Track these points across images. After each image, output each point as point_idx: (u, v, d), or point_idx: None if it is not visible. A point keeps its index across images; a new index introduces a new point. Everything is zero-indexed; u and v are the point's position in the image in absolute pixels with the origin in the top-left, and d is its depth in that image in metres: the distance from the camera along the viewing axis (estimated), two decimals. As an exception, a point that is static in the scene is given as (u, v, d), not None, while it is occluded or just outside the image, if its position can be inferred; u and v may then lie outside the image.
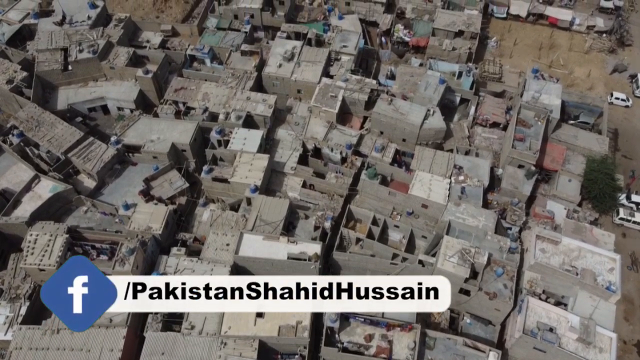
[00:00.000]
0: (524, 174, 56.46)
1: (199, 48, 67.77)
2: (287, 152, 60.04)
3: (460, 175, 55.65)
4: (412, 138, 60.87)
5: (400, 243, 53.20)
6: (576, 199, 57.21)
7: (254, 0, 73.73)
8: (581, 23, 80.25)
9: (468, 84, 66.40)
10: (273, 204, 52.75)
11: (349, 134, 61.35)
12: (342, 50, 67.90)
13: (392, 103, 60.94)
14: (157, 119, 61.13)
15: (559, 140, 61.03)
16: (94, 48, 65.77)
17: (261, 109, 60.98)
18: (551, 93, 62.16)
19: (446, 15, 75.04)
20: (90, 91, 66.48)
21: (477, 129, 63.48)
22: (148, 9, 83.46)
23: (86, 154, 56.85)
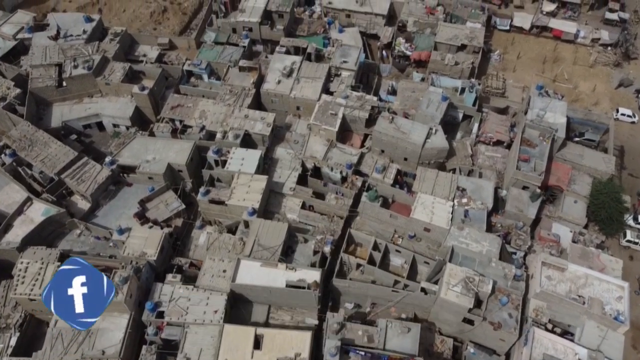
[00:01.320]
0: (529, 196, 55.04)
1: (196, 63, 66.39)
2: (286, 171, 58.64)
3: (464, 197, 54.23)
4: (414, 157, 59.48)
5: (402, 268, 51.79)
6: (582, 222, 55.82)
7: (253, 13, 72.31)
8: (586, 36, 78.83)
9: (471, 101, 65.01)
10: (271, 228, 51.36)
11: (349, 153, 59.97)
12: (342, 65, 66.49)
13: (393, 121, 59.53)
14: (152, 138, 59.73)
15: (564, 160, 59.65)
16: (89, 64, 64.36)
17: (259, 128, 59.59)
18: (556, 111, 60.74)
19: (448, 28, 73.64)
20: (85, 108, 65.09)
21: (480, 148, 62.09)
22: (145, 20, 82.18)
23: (80, 175, 55.47)
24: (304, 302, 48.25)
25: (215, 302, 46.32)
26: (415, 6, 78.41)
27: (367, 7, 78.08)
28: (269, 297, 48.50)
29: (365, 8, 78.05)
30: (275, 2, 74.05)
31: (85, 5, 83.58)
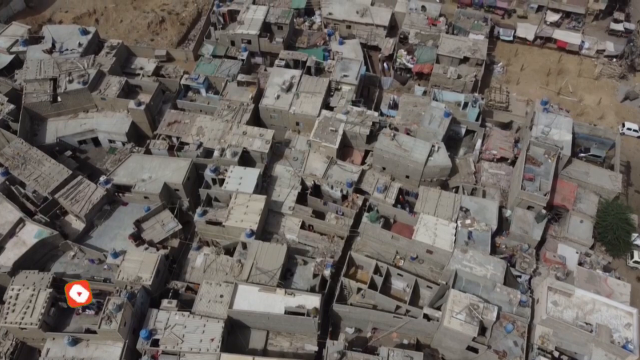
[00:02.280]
0: (534, 217, 53.68)
1: (193, 77, 65.09)
2: (285, 190, 57.32)
3: (467, 218, 52.87)
4: (416, 175, 58.15)
5: (404, 292, 50.42)
6: (589, 242, 54.43)
7: (252, 26, 70.97)
8: (590, 47, 77.46)
9: (474, 116, 63.70)
10: (270, 251, 49.98)
11: (349, 170, 58.65)
12: (342, 80, 65.12)
13: (395, 138, 58.21)
14: (148, 156, 58.40)
15: (569, 177, 58.27)
16: (84, 78, 63.09)
17: (258, 145, 58.28)
18: (561, 127, 59.44)
19: (451, 40, 72.26)
20: (80, 123, 63.79)
21: (483, 165, 60.78)
22: (142, 31, 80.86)
23: (74, 195, 54.15)
24: (304, 328, 46.95)
25: (211, 330, 44.98)
26: (417, 17, 77.08)
27: (368, 18, 76.79)
28: (267, 323, 47.18)
29: (366, 19, 76.77)
30: (275, 13, 72.76)
31: (81, 16, 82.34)
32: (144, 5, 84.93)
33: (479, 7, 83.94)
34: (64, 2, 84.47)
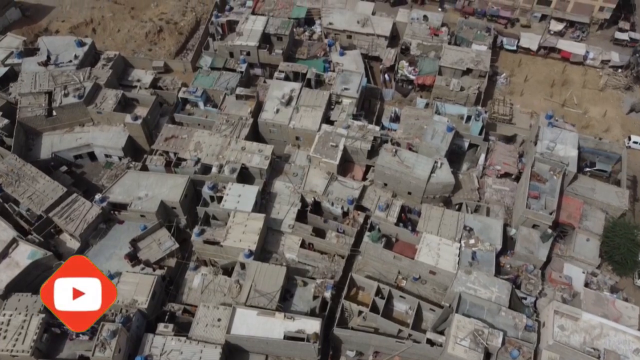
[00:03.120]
0: (540, 236, 52.44)
1: (191, 91, 63.89)
2: (285, 207, 56.10)
3: (471, 238, 51.63)
4: (418, 192, 56.91)
5: (406, 314, 49.19)
6: (595, 262, 53.17)
7: (251, 37, 69.74)
8: (595, 57, 76.16)
9: (477, 129, 62.40)
10: (269, 272, 48.75)
11: (350, 187, 57.40)
12: (343, 93, 63.86)
13: (396, 154, 56.97)
14: (145, 173, 57.19)
15: (575, 194, 57.00)
16: (80, 92, 61.89)
17: (257, 161, 57.07)
18: (567, 143, 58.21)
19: (453, 51, 70.95)
20: (76, 137, 62.62)
21: (487, 180, 59.58)
22: (140, 41, 79.63)
23: (68, 214, 52.97)
24: (304, 353, 45.76)
25: (209, 356, 43.77)
26: (418, 27, 75.80)
27: (369, 28, 75.52)
28: (266, 348, 46.03)
29: (367, 29, 75.50)
30: (274, 24, 71.51)
31: (78, 26, 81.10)
32: (142, 15, 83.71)
33: (481, 16, 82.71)
34: (60, 11, 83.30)
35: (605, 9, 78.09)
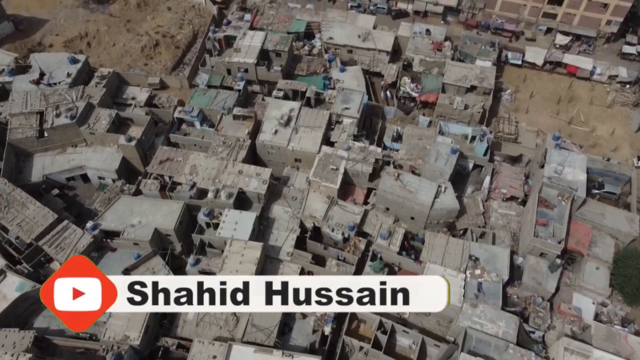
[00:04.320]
0: (548, 266, 50.51)
1: (187, 110, 62.00)
2: (283, 233, 54.21)
3: (477, 268, 49.70)
4: (421, 217, 54.99)
5: (409, 349, 47.31)
6: (606, 292, 51.19)
7: (249, 53, 67.82)
8: (602, 72, 74.22)
9: (482, 150, 60.56)
10: (266, 305, 46.77)
11: (351, 212, 55.51)
12: (343, 112, 61.94)
13: (399, 178, 55.04)
14: (138, 199, 55.30)
15: (584, 219, 55.04)
16: (72, 112, 60.02)
17: (254, 186, 55.16)
18: (575, 166, 56.21)
19: (457, 68, 69.04)
20: (68, 159, 60.75)
21: (492, 204, 57.64)
22: (136, 55, 77.78)
23: (59, 242, 51.08)
24: (302, 393, 43.86)
25: (203, 397, 41.90)
26: (421, 41, 73.92)
27: (370, 43, 73.64)
28: (263, 388, 44.09)
29: (368, 44, 73.62)
30: (273, 40, 69.60)
31: (73, 39, 79.25)
32: (138, 28, 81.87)
33: (485, 29, 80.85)
34: (54, 25, 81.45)
35: (613, 22, 76.15)
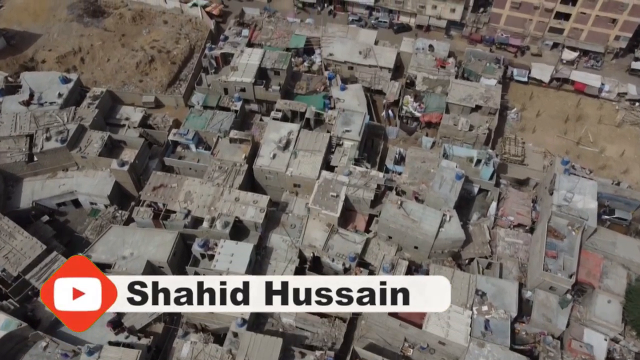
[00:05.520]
0: (558, 302, 48.32)
1: (182, 133, 59.86)
2: (282, 264, 52.06)
3: (484, 304, 47.52)
4: (425, 247, 52.86)
5: (413, 391, 45.20)
6: (618, 327, 48.93)
7: (246, 72, 65.58)
8: (611, 90, 71.95)
9: (488, 174, 58.40)
10: (263, 344, 44.68)
11: (352, 240, 53.43)
12: (344, 135, 59.76)
13: (402, 206, 52.86)
14: (130, 229, 53.19)
15: (594, 248, 52.87)
16: (63, 136, 57.93)
17: (251, 214, 52.99)
18: (585, 193, 54.00)
19: (461, 87, 66.83)
20: (59, 184, 58.65)
21: (499, 232, 55.47)
22: (131, 71, 75.50)
23: (48, 275, 48.93)
24: None
25: None
26: (424, 58, 71.65)
27: (372, 60, 71.45)
28: None
29: (369, 60, 71.42)
30: (271, 58, 67.39)
31: (66, 55, 76.93)
32: (133, 43, 79.63)
33: (490, 44, 78.64)
34: (47, 40, 79.23)
35: (622, 37, 73.90)
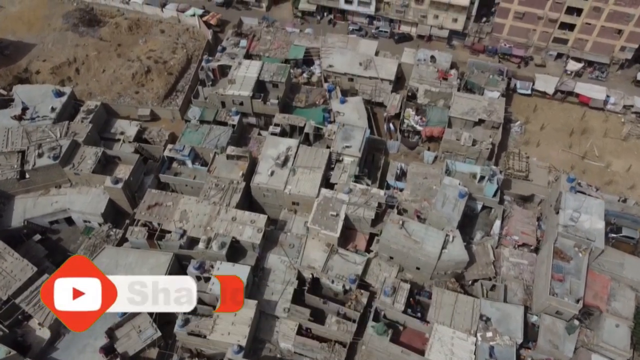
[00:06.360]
0: (565, 327, 46.82)
1: (178, 149, 58.32)
2: (280, 286, 50.64)
3: (488, 330, 46.03)
4: (427, 268, 51.38)
5: (416, 422, 43.68)
6: (627, 352, 47.40)
7: (244, 86, 64.10)
8: (617, 102, 70.40)
9: (491, 191, 56.90)
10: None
11: (352, 261, 51.96)
12: (344, 151, 58.27)
13: (403, 226, 51.36)
14: (124, 250, 51.70)
15: (601, 269, 51.34)
16: (56, 152, 56.42)
17: (249, 234, 51.51)
18: (592, 212, 52.48)
19: (464, 100, 65.31)
20: (51, 201, 57.14)
21: (503, 252, 54.00)
22: (126, 82, 73.94)
23: (37, 300, 47.42)
24: None
25: None
26: (425, 69, 70.12)
27: (372, 71, 69.94)
28: None
29: (369, 72, 69.91)
30: (269, 70, 65.89)
31: (60, 66, 75.32)
32: (129, 53, 78.07)
33: (492, 54, 77.16)
34: (41, 50, 77.63)
35: (627, 48, 72.37)
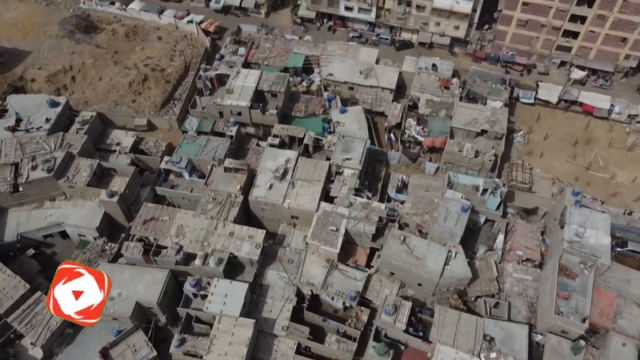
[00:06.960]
0: (571, 347, 45.66)
1: (175, 161, 57.17)
2: (278, 303, 49.51)
3: (492, 351, 44.86)
4: (429, 285, 50.20)
5: None
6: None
7: (242, 95, 62.95)
8: (621, 111, 69.22)
9: (494, 204, 55.74)
10: (259, 395, 42.18)
11: (353, 277, 50.82)
12: (344, 163, 57.12)
13: (405, 242, 50.21)
14: (119, 267, 50.52)
15: (607, 286, 50.14)
16: (50, 164, 55.34)
17: (247, 250, 50.37)
18: (598, 227, 51.33)
19: (466, 110, 64.11)
20: (45, 214, 56.09)
21: (506, 267, 52.85)
22: (123, 91, 72.81)
23: (30, 319, 46.34)
24: None
25: None
26: (427, 78, 68.91)
27: (373, 80, 68.82)
28: None
29: (370, 81, 68.79)
30: (268, 79, 64.77)
31: (56, 73, 74.20)
32: (126, 60, 76.93)
33: (495, 62, 76.01)
34: (37, 57, 76.53)
35: (632, 56, 71.20)
